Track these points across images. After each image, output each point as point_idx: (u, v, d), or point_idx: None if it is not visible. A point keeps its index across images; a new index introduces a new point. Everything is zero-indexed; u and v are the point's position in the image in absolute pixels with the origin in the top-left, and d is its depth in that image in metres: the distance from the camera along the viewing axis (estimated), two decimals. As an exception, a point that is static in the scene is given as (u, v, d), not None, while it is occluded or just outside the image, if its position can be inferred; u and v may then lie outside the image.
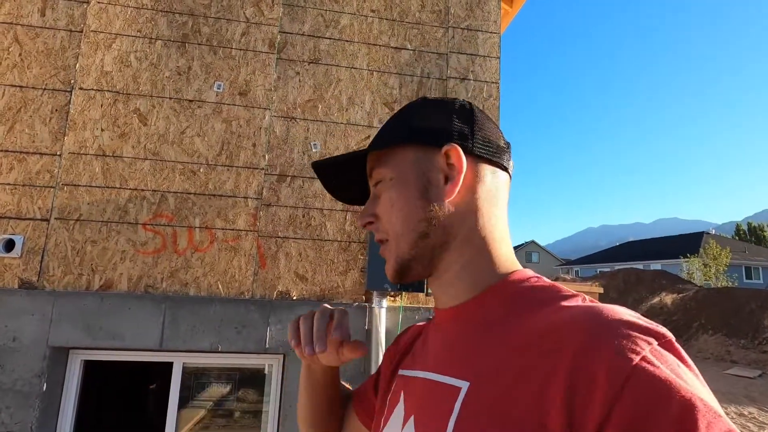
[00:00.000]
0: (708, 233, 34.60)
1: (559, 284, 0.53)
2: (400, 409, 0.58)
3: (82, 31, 2.55)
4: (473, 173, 0.57)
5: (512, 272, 0.56)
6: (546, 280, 0.54)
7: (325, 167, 0.65)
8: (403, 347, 0.70)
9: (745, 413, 7.06)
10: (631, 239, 48.54)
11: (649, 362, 0.36)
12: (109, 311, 2.29)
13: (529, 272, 0.56)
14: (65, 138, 2.44)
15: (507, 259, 0.57)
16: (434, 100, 0.62)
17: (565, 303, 0.47)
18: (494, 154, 0.58)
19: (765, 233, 53.32)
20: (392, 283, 0.60)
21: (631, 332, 0.39)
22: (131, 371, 3.67)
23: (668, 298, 15.42)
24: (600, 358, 0.37)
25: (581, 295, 0.49)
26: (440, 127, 0.57)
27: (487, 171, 0.58)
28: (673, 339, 0.40)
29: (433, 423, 0.48)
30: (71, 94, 2.48)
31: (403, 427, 0.54)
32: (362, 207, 0.65)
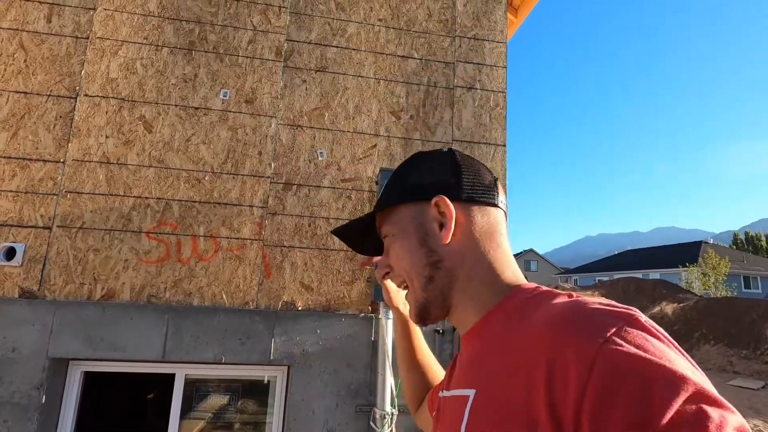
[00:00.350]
0: (706, 242, 34.62)
1: (553, 289, 0.57)
2: (436, 429, 0.66)
3: (88, 38, 2.54)
4: (464, 216, 0.63)
5: (513, 288, 0.60)
6: (543, 288, 0.58)
7: (344, 232, 0.77)
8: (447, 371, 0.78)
9: (750, 426, 7.00)
10: (629, 248, 48.56)
11: (612, 342, 0.39)
12: (111, 321, 2.25)
13: (531, 285, 0.60)
14: (69, 145, 2.41)
15: (509, 281, 0.62)
16: (424, 156, 0.69)
17: (552, 302, 0.51)
18: (481, 195, 0.65)
19: (762, 243, 53.44)
20: (419, 325, 0.72)
21: (598, 318, 0.42)
22: (131, 381, 3.61)
23: (669, 308, 15.38)
24: (571, 346, 0.41)
25: (568, 293, 0.53)
26: (429, 181, 0.65)
27: (477, 211, 0.64)
28: (641, 317, 0.43)
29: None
30: (76, 101, 2.46)
31: None
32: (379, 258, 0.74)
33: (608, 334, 0.40)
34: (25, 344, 2.16)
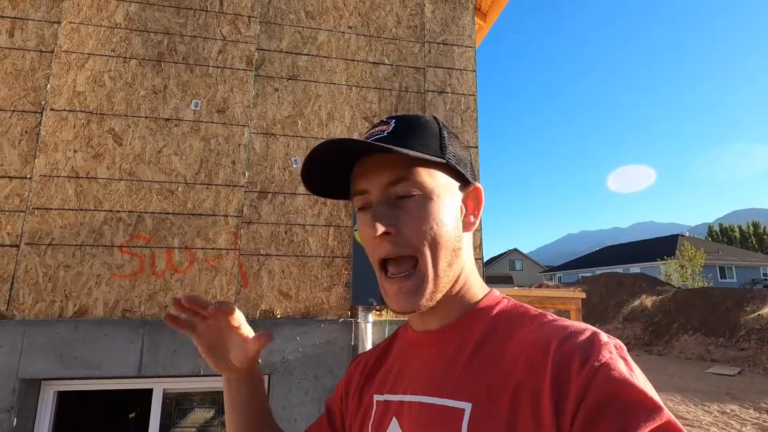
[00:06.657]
0: (683, 235, 35.62)
1: (525, 304, 0.59)
2: None
3: (53, 52, 2.50)
4: None
5: (485, 295, 0.61)
6: (513, 301, 0.60)
7: (322, 154, 0.56)
8: (362, 374, 0.70)
9: (728, 411, 7.20)
10: (609, 244, 49.58)
11: (608, 367, 0.45)
12: (84, 339, 2.20)
13: (497, 294, 0.62)
14: (36, 160, 2.37)
15: (481, 283, 0.62)
16: (449, 130, 0.62)
17: (537, 322, 0.54)
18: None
19: (735, 234, 55.23)
20: (412, 311, 0.56)
21: (596, 343, 0.48)
22: (110, 400, 3.52)
23: (648, 301, 15.75)
24: (573, 366, 0.46)
25: (546, 313, 0.56)
26: (468, 161, 0.61)
27: None
28: (625, 348, 0.50)
29: None
30: (42, 116, 2.42)
31: None
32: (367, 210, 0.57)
33: (604, 359, 0.46)
34: (-6, 366, 2.10)
